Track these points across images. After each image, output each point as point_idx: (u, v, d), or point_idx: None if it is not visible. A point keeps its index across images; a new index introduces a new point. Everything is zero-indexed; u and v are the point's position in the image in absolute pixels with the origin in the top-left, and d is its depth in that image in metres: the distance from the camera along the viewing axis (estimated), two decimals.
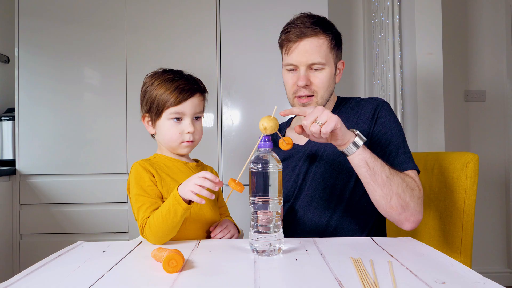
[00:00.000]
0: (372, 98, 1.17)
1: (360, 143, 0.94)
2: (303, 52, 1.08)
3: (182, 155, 1.10)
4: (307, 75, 1.09)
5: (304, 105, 1.12)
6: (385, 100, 1.22)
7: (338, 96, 1.24)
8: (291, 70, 1.12)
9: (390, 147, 1.08)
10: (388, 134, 1.09)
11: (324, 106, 1.14)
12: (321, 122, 0.87)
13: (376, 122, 1.10)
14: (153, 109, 1.05)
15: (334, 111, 1.19)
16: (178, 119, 1.04)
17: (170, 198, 0.91)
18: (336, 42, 1.13)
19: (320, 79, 1.10)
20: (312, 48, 1.07)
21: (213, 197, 0.88)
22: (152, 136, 1.13)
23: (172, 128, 1.04)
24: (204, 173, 0.87)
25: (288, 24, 1.12)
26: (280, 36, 1.14)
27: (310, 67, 1.09)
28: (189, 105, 1.04)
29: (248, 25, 2.18)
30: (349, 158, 0.96)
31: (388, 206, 0.97)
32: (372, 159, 0.96)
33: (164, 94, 1.02)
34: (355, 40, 2.65)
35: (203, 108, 1.11)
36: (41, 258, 0.82)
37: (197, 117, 1.08)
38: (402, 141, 1.09)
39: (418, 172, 1.08)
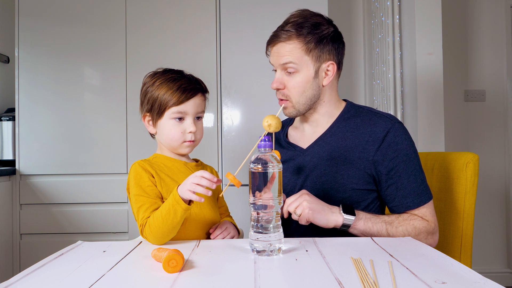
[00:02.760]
0: (386, 117, 1.11)
1: (350, 222, 0.99)
2: (276, 55, 1.09)
3: (182, 155, 1.10)
4: (281, 78, 1.09)
5: (284, 107, 1.12)
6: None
7: (347, 101, 1.19)
8: (275, 70, 1.13)
9: (403, 181, 1.06)
10: (402, 165, 1.06)
11: (304, 108, 1.11)
12: (298, 214, 0.96)
13: (388, 148, 1.06)
14: (154, 109, 1.05)
15: (341, 118, 1.15)
16: (180, 118, 1.04)
17: (170, 199, 0.91)
18: (319, 43, 1.06)
19: (292, 84, 1.08)
20: (283, 52, 1.07)
21: (210, 193, 0.87)
22: (152, 136, 1.13)
23: (174, 128, 1.04)
24: (201, 172, 0.88)
25: (280, 24, 1.12)
26: None
27: (285, 69, 1.09)
28: (191, 105, 1.04)
29: (248, 25, 2.18)
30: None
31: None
32: (367, 228, 1.01)
33: (166, 93, 1.02)
34: (355, 40, 2.65)
35: (204, 108, 1.11)
36: (41, 258, 0.82)
37: (198, 117, 1.08)
38: (416, 170, 1.07)
39: (431, 198, 1.06)
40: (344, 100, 1.21)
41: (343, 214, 0.99)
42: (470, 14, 2.59)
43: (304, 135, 1.19)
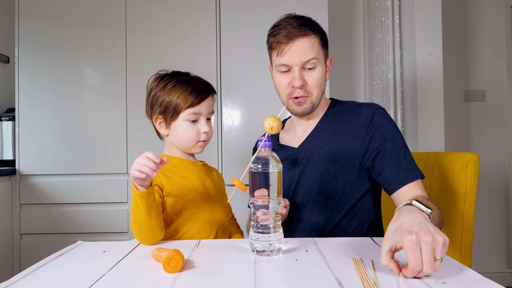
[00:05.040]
0: (369, 104, 1.15)
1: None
2: (297, 52, 1.07)
3: (190, 155, 1.13)
4: (301, 75, 1.08)
5: (299, 104, 1.11)
6: (383, 103, 1.21)
7: (332, 98, 1.24)
8: (283, 71, 1.10)
9: (393, 158, 1.06)
10: (390, 144, 1.07)
11: (318, 102, 1.13)
12: (442, 256, 0.66)
13: (375, 131, 1.09)
14: (168, 111, 1.06)
15: (329, 113, 1.18)
16: (194, 120, 1.07)
17: (132, 191, 0.92)
18: (324, 41, 1.13)
19: (314, 78, 1.09)
20: (305, 48, 1.07)
21: (155, 174, 0.86)
22: (159, 137, 1.15)
23: (189, 129, 1.06)
24: (147, 153, 0.86)
25: (275, 27, 1.11)
26: (268, 39, 1.13)
27: (303, 67, 1.08)
28: (205, 106, 1.07)
29: (248, 25, 2.18)
30: None
31: None
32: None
33: (181, 96, 1.04)
34: (355, 40, 2.65)
35: (213, 109, 1.13)
36: (41, 258, 0.82)
37: (208, 118, 1.11)
38: (404, 149, 1.08)
39: (423, 176, 1.06)
40: (330, 98, 1.25)
41: (428, 212, 0.79)
42: (470, 14, 2.59)
43: (295, 136, 1.21)
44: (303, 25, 1.08)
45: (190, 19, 2.23)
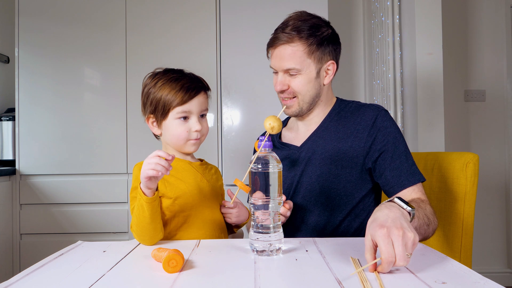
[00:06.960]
0: (373, 105, 1.15)
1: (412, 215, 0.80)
2: (279, 58, 1.10)
3: (187, 154, 1.11)
4: (283, 80, 1.11)
5: (287, 106, 1.13)
6: (383, 103, 1.21)
7: (337, 98, 1.23)
8: (275, 72, 1.14)
9: (395, 161, 1.06)
10: (392, 147, 1.07)
11: (307, 107, 1.13)
12: (411, 251, 0.69)
13: (378, 133, 1.09)
14: (158, 110, 1.04)
15: (333, 113, 1.18)
16: (185, 118, 1.04)
17: (137, 195, 0.91)
18: (320, 45, 1.09)
19: (296, 84, 1.10)
20: (286, 55, 1.08)
21: (168, 172, 0.87)
22: (156, 137, 1.13)
23: (179, 127, 1.04)
24: (156, 152, 0.87)
25: (278, 26, 1.13)
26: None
27: (287, 72, 1.10)
28: (195, 104, 1.04)
29: (248, 25, 2.18)
30: None
31: None
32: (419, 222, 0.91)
33: (169, 94, 1.02)
34: (355, 40, 2.65)
35: (208, 106, 1.11)
36: (41, 258, 0.82)
37: (202, 115, 1.09)
38: (406, 152, 1.08)
39: (424, 179, 1.06)
40: (336, 97, 1.24)
41: (409, 210, 0.79)
42: (470, 14, 2.59)
43: (298, 134, 1.21)
44: (294, 29, 1.08)
45: (190, 19, 2.23)
